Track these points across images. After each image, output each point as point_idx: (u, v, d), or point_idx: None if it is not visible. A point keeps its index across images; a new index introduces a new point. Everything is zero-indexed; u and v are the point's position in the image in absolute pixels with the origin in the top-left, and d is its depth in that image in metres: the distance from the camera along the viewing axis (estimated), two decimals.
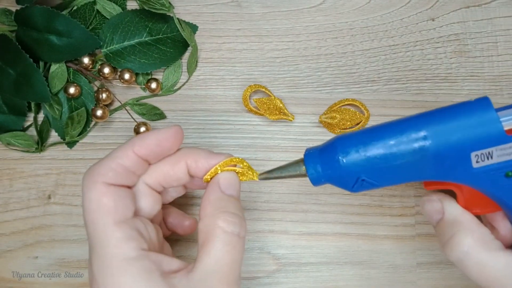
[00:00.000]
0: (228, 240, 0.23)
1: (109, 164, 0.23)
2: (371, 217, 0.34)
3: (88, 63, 0.34)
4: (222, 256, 0.23)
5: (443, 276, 0.34)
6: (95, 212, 0.22)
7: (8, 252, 0.33)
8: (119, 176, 0.23)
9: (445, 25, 0.37)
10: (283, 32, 0.36)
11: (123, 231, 0.22)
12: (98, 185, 0.22)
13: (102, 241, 0.22)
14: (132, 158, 0.24)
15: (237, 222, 0.24)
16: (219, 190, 0.25)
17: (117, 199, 0.23)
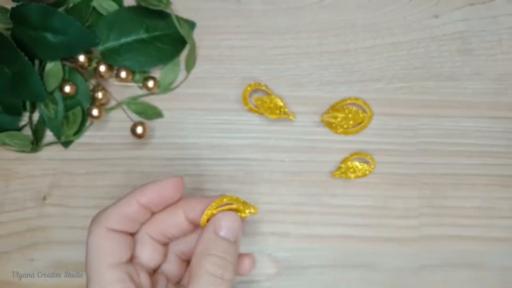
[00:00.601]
0: (210, 281, 0.24)
1: (113, 210, 0.25)
2: (374, 219, 0.34)
3: (84, 61, 0.34)
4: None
5: (447, 279, 0.33)
6: (93, 253, 0.25)
7: (3, 254, 0.33)
8: (120, 222, 0.25)
9: (449, 23, 0.36)
10: (284, 29, 0.36)
11: (113, 274, 0.24)
12: (100, 229, 0.25)
13: (95, 280, 0.24)
14: (134, 206, 0.26)
15: (221, 265, 0.25)
16: (212, 231, 0.26)
17: (114, 244, 0.25)
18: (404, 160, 0.34)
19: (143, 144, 0.35)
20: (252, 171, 0.34)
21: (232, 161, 0.34)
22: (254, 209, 0.27)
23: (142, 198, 0.26)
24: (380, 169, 0.34)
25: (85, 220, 0.33)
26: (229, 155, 0.34)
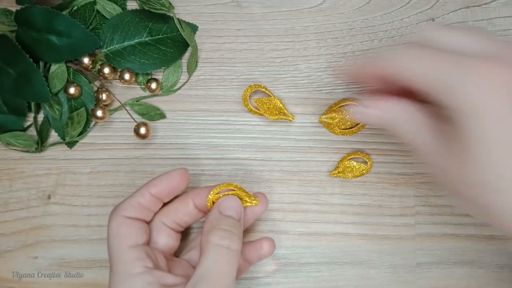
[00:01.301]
0: (216, 251, 0.26)
1: (129, 201, 0.28)
2: (371, 217, 0.34)
3: (88, 63, 0.34)
4: (210, 265, 0.26)
5: (443, 276, 0.34)
6: (114, 238, 0.27)
7: (8, 252, 0.33)
8: (136, 211, 0.28)
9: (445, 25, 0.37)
10: (283, 32, 0.36)
11: (133, 253, 0.27)
12: (119, 217, 0.28)
13: (117, 261, 0.27)
14: (147, 197, 0.29)
15: (227, 236, 0.27)
16: (218, 211, 0.28)
17: (131, 228, 0.28)
18: (401, 159, 0.35)
19: (146, 144, 0.35)
20: (252, 171, 0.34)
21: (232, 160, 0.35)
22: (256, 201, 0.29)
23: (153, 189, 0.29)
24: (377, 168, 0.35)
25: (89, 218, 0.34)
26: (229, 155, 0.35)
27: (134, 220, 0.28)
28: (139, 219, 0.28)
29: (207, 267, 0.26)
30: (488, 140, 0.22)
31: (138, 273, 0.26)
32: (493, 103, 0.22)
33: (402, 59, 0.25)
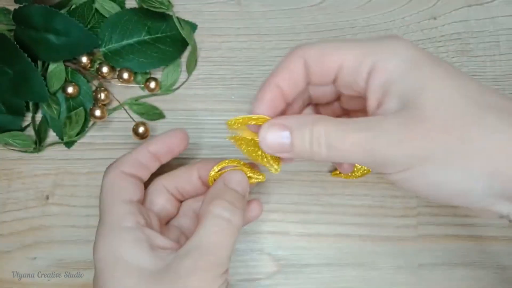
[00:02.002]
0: (216, 222, 0.25)
1: (127, 157, 0.28)
2: (372, 218, 0.34)
3: (87, 62, 0.34)
4: (207, 236, 0.24)
5: (445, 278, 0.34)
6: (108, 191, 0.27)
7: (6, 253, 0.33)
8: (133, 167, 0.28)
9: (447, 24, 0.37)
10: (283, 30, 0.36)
11: (126, 207, 0.26)
12: (116, 171, 0.27)
13: (108, 212, 0.26)
14: (145, 154, 0.28)
15: (228, 208, 0.25)
16: (222, 183, 0.27)
17: (127, 184, 0.27)
18: None
19: None
20: None
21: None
22: (262, 176, 0.28)
23: (151, 146, 0.28)
24: None
25: (88, 219, 0.34)
26: (229, 155, 0.34)
27: (130, 176, 0.27)
28: (135, 176, 0.28)
29: (203, 236, 0.24)
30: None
31: (128, 227, 0.25)
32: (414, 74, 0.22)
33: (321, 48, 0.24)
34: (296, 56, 0.24)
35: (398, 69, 0.22)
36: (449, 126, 0.21)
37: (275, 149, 0.24)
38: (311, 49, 0.24)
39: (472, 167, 0.21)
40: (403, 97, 0.21)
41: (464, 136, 0.20)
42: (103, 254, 0.25)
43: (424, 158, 0.21)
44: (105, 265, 0.25)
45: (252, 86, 0.35)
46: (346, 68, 0.23)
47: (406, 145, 0.21)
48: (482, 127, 0.20)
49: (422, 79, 0.21)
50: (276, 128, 0.23)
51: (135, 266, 0.24)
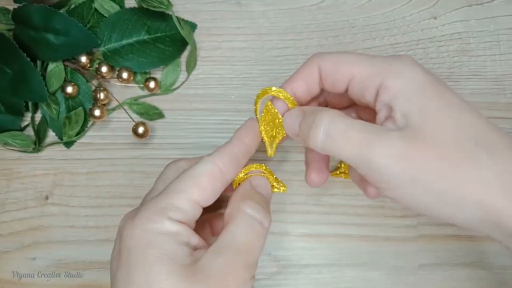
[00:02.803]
0: (248, 222, 0.24)
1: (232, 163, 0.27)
2: (372, 218, 0.34)
3: (86, 62, 0.34)
4: (240, 235, 0.24)
5: (446, 278, 0.33)
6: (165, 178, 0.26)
7: (5, 254, 0.33)
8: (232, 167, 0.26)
9: (448, 23, 0.37)
10: (283, 30, 0.36)
11: (182, 202, 0.24)
12: (213, 166, 0.25)
13: (163, 196, 0.24)
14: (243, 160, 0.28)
15: (260, 210, 0.25)
16: (250, 185, 0.27)
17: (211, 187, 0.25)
18: None
19: (144, 144, 0.35)
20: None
21: None
22: (284, 187, 0.29)
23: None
24: None
25: (87, 219, 0.34)
26: None
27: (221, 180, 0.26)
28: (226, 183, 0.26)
29: (235, 235, 0.24)
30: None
31: (173, 219, 0.24)
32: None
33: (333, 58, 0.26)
34: (312, 64, 0.26)
35: (404, 90, 0.23)
36: (445, 154, 0.22)
37: (291, 130, 0.26)
38: (327, 59, 0.26)
39: (461, 195, 0.22)
40: (408, 117, 0.23)
41: (457, 166, 0.22)
42: (137, 232, 0.23)
43: (414, 180, 0.22)
44: (136, 245, 0.23)
45: (252, 86, 0.35)
46: (357, 81, 0.24)
47: (403, 162, 0.22)
48: (473, 161, 0.22)
49: (427, 105, 0.22)
50: (294, 112, 0.26)
51: (169, 256, 0.23)
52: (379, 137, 0.22)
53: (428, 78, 0.23)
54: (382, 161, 0.22)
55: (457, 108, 0.23)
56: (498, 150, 0.22)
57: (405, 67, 0.23)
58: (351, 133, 0.23)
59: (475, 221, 0.22)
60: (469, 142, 0.22)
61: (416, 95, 0.23)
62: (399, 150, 0.22)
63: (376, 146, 0.22)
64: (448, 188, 0.22)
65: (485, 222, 0.22)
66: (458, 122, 0.22)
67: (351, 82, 0.25)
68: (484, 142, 0.22)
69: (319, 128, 0.23)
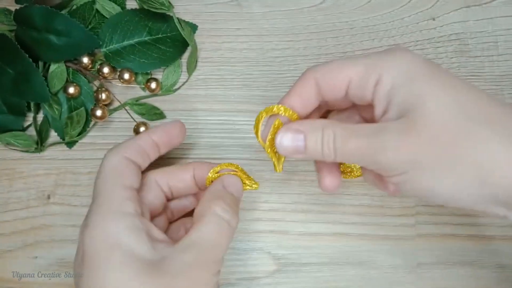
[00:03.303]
0: (216, 221, 0.25)
1: (130, 143, 0.28)
2: (371, 217, 0.34)
3: (88, 62, 0.34)
4: (207, 234, 0.25)
5: (444, 277, 0.34)
6: (110, 174, 0.26)
7: (7, 252, 0.33)
8: (136, 153, 0.27)
9: (446, 24, 0.37)
10: (283, 31, 0.36)
11: (127, 193, 0.25)
12: (119, 156, 0.27)
13: (107, 195, 0.25)
14: (148, 141, 0.28)
15: (229, 211, 0.26)
16: (221, 185, 0.28)
17: (130, 170, 0.27)
18: None
19: None
20: (252, 171, 0.34)
21: (233, 161, 0.34)
22: (256, 185, 0.29)
23: (154, 135, 0.28)
24: None
25: None
26: (229, 155, 0.35)
27: (132, 163, 0.27)
28: (137, 163, 0.27)
29: (203, 234, 0.25)
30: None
31: (128, 213, 0.25)
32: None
33: (329, 68, 0.26)
34: (307, 79, 0.26)
35: (399, 80, 0.23)
36: (441, 137, 0.22)
37: (290, 151, 0.26)
38: (321, 70, 0.26)
39: (462, 175, 0.22)
40: (402, 107, 0.23)
41: (455, 147, 0.22)
42: (97, 237, 0.24)
43: (417, 165, 0.22)
44: (98, 249, 0.24)
45: (252, 87, 0.36)
46: (354, 83, 0.25)
47: (400, 152, 0.22)
48: (473, 139, 0.22)
49: (421, 90, 0.23)
50: (291, 133, 0.25)
51: (133, 255, 0.23)
52: (377, 137, 0.23)
53: (420, 64, 0.23)
54: (384, 158, 0.23)
55: (454, 89, 0.23)
56: (500, 124, 0.22)
57: (399, 58, 0.24)
58: (353, 142, 0.24)
59: (478, 201, 0.22)
60: (467, 121, 0.22)
61: (411, 82, 0.23)
62: (398, 143, 0.22)
63: (375, 147, 0.23)
64: (446, 171, 0.22)
65: (489, 201, 0.22)
66: (455, 103, 0.22)
67: (349, 86, 0.25)
68: (485, 119, 0.22)
69: (330, 147, 0.24)
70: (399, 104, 0.23)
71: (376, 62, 0.24)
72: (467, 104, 0.23)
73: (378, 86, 0.24)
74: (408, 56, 0.24)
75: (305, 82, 0.26)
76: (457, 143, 0.22)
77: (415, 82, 0.23)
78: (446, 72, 0.24)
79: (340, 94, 0.26)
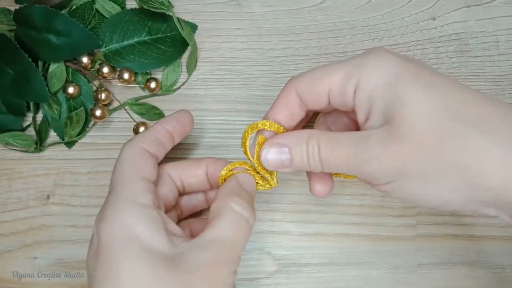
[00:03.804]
0: (235, 219, 0.25)
1: (147, 134, 0.27)
2: (372, 217, 0.34)
3: (87, 62, 0.34)
4: (226, 231, 0.24)
5: (444, 277, 0.34)
6: (127, 165, 0.26)
7: (7, 253, 0.33)
8: (153, 144, 0.27)
9: (446, 24, 0.37)
10: (283, 31, 0.36)
11: (144, 184, 0.25)
12: (137, 147, 0.26)
13: (125, 187, 0.25)
14: (163, 131, 0.28)
15: (247, 208, 0.25)
16: (236, 182, 0.27)
17: (148, 161, 0.26)
18: None
19: None
20: None
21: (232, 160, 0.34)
22: (269, 186, 0.29)
23: (168, 124, 0.28)
24: None
25: (88, 219, 0.34)
26: (229, 155, 0.35)
27: (150, 154, 0.27)
28: (154, 155, 0.27)
29: (222, 231, 0.24)
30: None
31: (146, 205, 0.24)
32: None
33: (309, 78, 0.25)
34: (289, 91, 0.26)
35: (378, 84, 0.23)
36: (426, 141, 0.21)
37: (276, 166, 0.26)
38: (301, 81, 0.25)
39: (449, 180, 0.22)
40: (384, 112, 0.22)
41: (441, 150, 0.21)
42: (114, 229, 0.23)
43: (403, 173, 0.22)
44: (115, 242, 0.23)
45: (252, 86, 0.36)
46: (334, 92, 0.24)
47: (385, 161, 0.22)
48: (460, 141, 0.21)
49: (402, 95, 0.22)
50: (275, 148, 0.25)
51: (151, 248, 0.23)
52: (361, 148, 0.23)
53: (400, 65, 0.23)
54: (369, 168, 0.23)
55: (437, 90, 0.22)
56: (487, 124, 0.21)
57: (378, 61, 0.23)
58: (337, 153, 0.24)
59: (467, 204, 0.22)
60: (452, 122, 0.21)
61: (392, 87, 0.22)
62: (382, 152, 0.22)
63: (360, 157, 0.23)
64: (432, 177, 0.22)
65: (479, 203, 0.22)
66: (439, 105, 0.22)
67: (330, 94, 0.25)
68: (471, 119, 0.21)
69: (316, 159, 0.24)
70: (381, 109, 0.23)
71: (353, 67, 0.24)
72: (453, 105, 0.22)
73: (357, 92, 0.23)
74: (387, 57, 0.23)
75: (287, 94, 0.26)
76: (443, 146, 0.21)
77: (395, 85, 0.22)
78: (430, 71, 0.23)
79: (323, 104, 0.25)
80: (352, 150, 0.23)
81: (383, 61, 0.23)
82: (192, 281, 0.22)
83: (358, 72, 0.23)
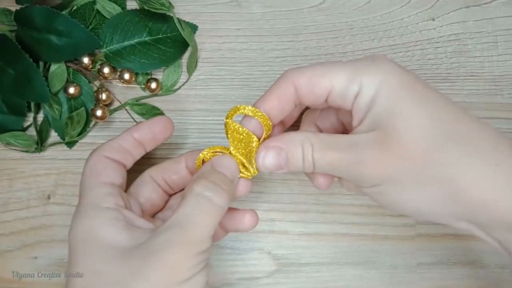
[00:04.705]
0: (197, 201, 0.24)
1: (110, 142, 0.28)
2: (371, 217, 0.34)
3: (88, 63, 0.34)
4: (186, 213, 0.24)
5: (444, 276, 0.34)
6: (89, 174, 0.27)
7: (7, 252, 0.33)
8: (116, 152, 0.28)
9: (445, 25, 0.37)
10: (283, 31, 0.36)
11: (105, 189, 0.26)
12: (97, 156, 0.27)
13: (87, 194, 0.26)
14: (129, 140, 0.28)
15: (211, 187, 0.25)
16: (210, 165, 0.26)
17: (109, 167, 0.27)
18: None
19: None
20: None
21: None
22: (250, 173, 0.27)
23: (135, 133, 0.29)
24: None
25: None
26: None
27: (112, 161, 0.27)
28: (118, 161, 0.28)
29: (183, 214, 0.24)
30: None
31: (106, 207, 0.25)
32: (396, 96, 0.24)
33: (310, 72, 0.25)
34: (286, 83, 0.26)
35: (378, 93, 0.23)
36: (413, 153, 0.23)
37: (273, 169, 0.26)
38: (301, 75, 0.25)
39: (430, 191, 0.23)
40: (378, 119, 0.23)
41: (426, 164, 0.22)
42: (76, 233, 0.25)
43: (389, 179, 0.23)
44: (77, 243, 0.25)
45: (252, 87, 0.36)
46: (335, 92, 0.25)
47: (374, 166, 0.23)
48: (444, 157, 0.22)
49: (397, 105, 0.23)
50: (273, 152, 0.26)
51: (107, 242, 0.24)
52: (351, 151, 0.24)
53: (399, 77, 0.24)
54: (356, 171, 0.24)
55: (431, 105, 0.23)
56: (473, 144, 0.23)
57: (378, 69, 0.24)
58: (327, 156, 0.24)
59: (443, 216, 0.24)
60: (439, 138, 0.23)
61: (387, 97, 0.23)
62: (373, 157, 0.23)
63: (349, 160, 0.24)
64: (415, 187, 0.23)
65: (455, 216, 0.23)
66: (430, 119, 0.23)
67: (330, 93, 0.25)
68: (457, 137, 0.23)
69: (309, 161, 0.25)
70: (376, 115, 0.23)
71: (357, 72, 0.24)
72: (441, 121, 0.23)
73: (358, 97, 0.24)
74: (389, 66, 0.24)
75: (283, 85, 0.26)
76: (428, 160, 0.22)
77: (393, 96, 0.23)
78: (422, 83, 0.24)
79: (320, 101, 0.26)
80: (344, 153, 0.24)
81: (385, 70, 0.24)
82: (144, 264, 0.23)
83: (362, 78, 0.24)
